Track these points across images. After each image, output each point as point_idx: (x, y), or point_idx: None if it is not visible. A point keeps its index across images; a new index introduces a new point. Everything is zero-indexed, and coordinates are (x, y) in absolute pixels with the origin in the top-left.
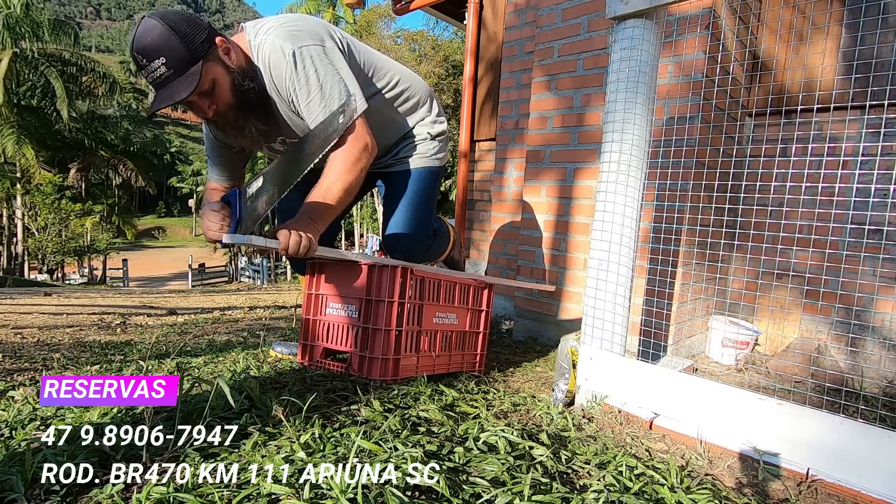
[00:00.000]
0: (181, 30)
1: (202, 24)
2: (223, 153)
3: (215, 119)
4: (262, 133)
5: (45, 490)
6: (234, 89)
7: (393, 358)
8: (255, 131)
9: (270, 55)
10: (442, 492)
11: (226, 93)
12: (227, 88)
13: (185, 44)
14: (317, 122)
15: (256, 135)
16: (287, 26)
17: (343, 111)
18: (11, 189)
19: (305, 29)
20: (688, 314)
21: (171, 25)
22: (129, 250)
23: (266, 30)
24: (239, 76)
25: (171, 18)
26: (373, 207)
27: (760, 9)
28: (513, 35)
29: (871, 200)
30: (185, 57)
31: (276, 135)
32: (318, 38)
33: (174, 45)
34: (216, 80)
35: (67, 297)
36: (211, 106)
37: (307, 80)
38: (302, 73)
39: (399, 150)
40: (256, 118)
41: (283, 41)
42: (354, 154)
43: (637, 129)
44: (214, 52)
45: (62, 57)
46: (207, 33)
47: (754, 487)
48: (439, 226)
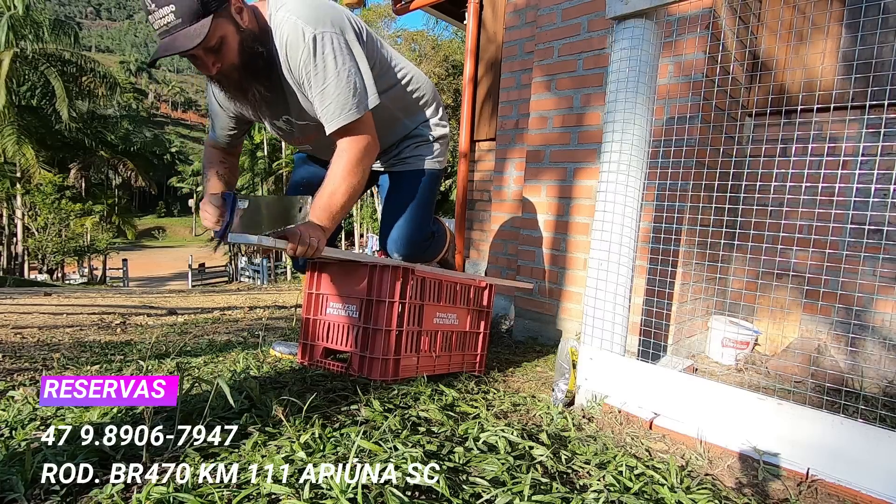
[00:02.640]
0: None
1: None
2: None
3: (219, 77)
4: (265, 101)
5: (45, 490)
6: (242, 50)
7: (393, 358)
8: (258, 96)
9: (289, 35)
10: (442, 492)
11: (233, 52)
12: (234, 48)
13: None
14: (328, 110)
15: (259, 100)
16: (310, 8)
17: (358, 105)
18: (11, 189)
19: (328, 14)
20: (688, 314)
21: None
22: (129, 250)
23: (288, 7)
24: (249, 38)
25: None
26: (373, 207)
27: (760, 9)
28: (513, 35)
29: (871, 200)
30: (196, 8)
31: (282, 112)
32: (339, 25)
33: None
34: (224, 38)
35: (67, 297)
36: (216, 63)
37: (324, 68)
38: (320, 60)
39: (401, 150)
40: (261, 83)
41: (305, 23)
42: (357, 155)
43: (637, 129)
44: (227, 8)
45: (62, 57)
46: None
47: (754, 487)
48: (437, 227)
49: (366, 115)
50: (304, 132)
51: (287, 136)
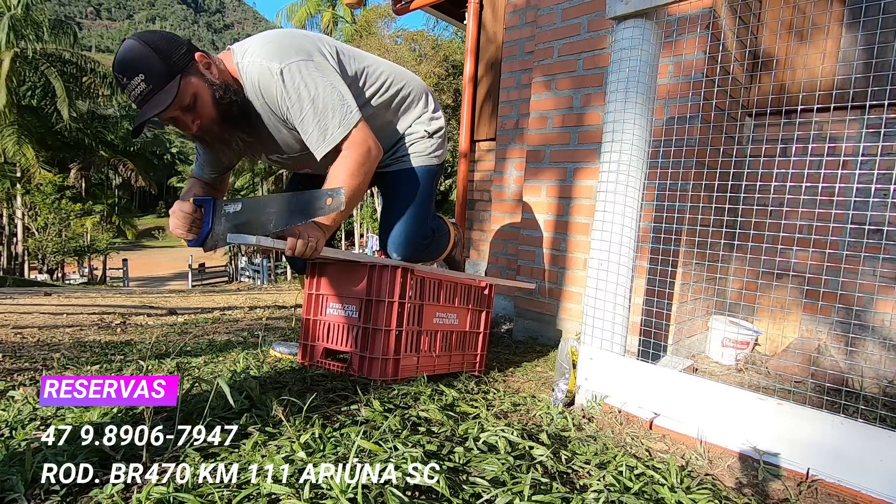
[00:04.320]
0: (159, 46)
1: (180, 41)
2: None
3: (200, 134)
4: (249, 146)
5: (45, 490)
6: (216, 102)
7: (393, 358)
8: (241, 144)
9: (260, 77)
10: (442, 492)
11: (208, 106)
12: (208, 102)
13: (163, 59)
14: (312, 137)
15: (243, 147)
16: (272, 45)
17: (340, 124)
18: (12, 189)
19: (291, 45)
20: (688, 314)
21: (149, 43)
22: (129, 250)
23: (252, 51)
24: (221, 90)
25: (149, 37)
26: (373, 207)
27: (760, 9)
28: (513, 35)
29: (871, 200)
30: (163, 71)
31: (272, 150)
32: (304, 52)
33: (153, 61)
34: (197, 94)
35: (67, 297)
36: (195, 121)
37: (299, 97)
38: (293, 90)
39: (397, 150)
40: (242, 131)
41: (270, 61)
42: (358, 160)
43: (637, 129)
44: (194, 66)
45: (62, 57)
46: (186, 48)
47: (754, 487)
48: (438, 225)
49: (357, 126)
50: (299, 161)
51: (285, 167)
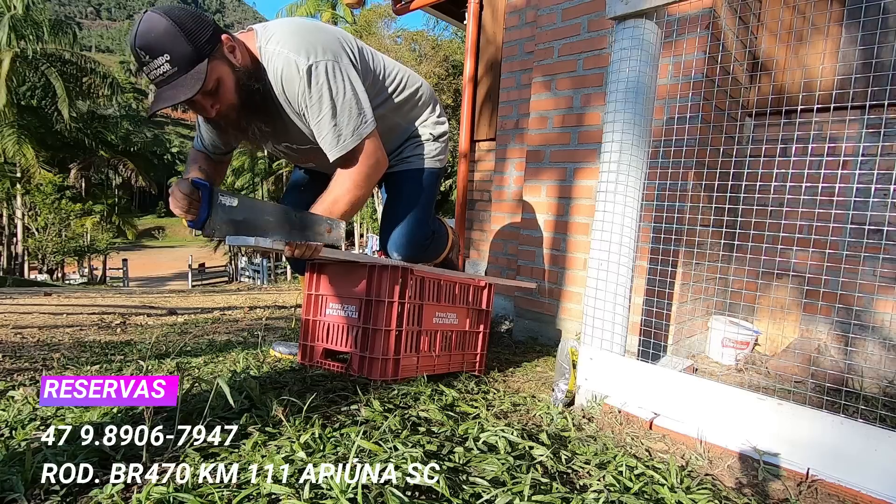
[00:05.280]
0: (186, 26)
1: (207, 21)
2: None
3: (217, 119)
4: (265, 135)
5: (45, 490)
6: (239, 89)
7: (393, 358)
8: (258, 132)
9: (284, 69)
10: (442, 492)
11: (230, 92)
12: (231, 88)
13: (191, 41)
14: (326, 139)
15: (259, 136)
16: (298, 37)
17: (354, 132)
18: (11, 189)
19: (319, 41)
20: (688, 314)
21: (176, 21)
22: (129, 250)
23: (277, 39)
24: (244, 76)
25: (176, 14)
26: (373, 207)
27: (760, 9)
28: (513, 35)
29: (871, 200)
30: (190, 55)
31: (282, 140)
32: (331, 52)
33: (179, 41)
34: (221, 80)
35: (67, 297)
36: (214, 105)
37: (320, 98)
38: (315, 90)
39: (402, 150)
40: (260, 119)
41: (297, 55)
42: (365, 171)
43: (637, 129)
44: (220, 49)
45: (62, 57)
46: (213, 30)
47: (754, 487)
48: (438, 227)
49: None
50: (306, 154)
51: (289, 158)
